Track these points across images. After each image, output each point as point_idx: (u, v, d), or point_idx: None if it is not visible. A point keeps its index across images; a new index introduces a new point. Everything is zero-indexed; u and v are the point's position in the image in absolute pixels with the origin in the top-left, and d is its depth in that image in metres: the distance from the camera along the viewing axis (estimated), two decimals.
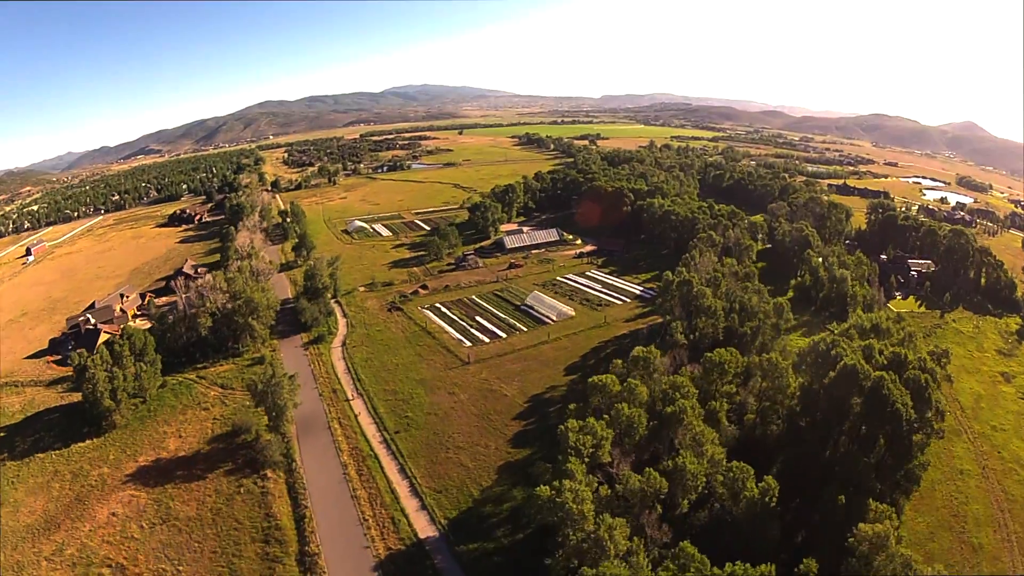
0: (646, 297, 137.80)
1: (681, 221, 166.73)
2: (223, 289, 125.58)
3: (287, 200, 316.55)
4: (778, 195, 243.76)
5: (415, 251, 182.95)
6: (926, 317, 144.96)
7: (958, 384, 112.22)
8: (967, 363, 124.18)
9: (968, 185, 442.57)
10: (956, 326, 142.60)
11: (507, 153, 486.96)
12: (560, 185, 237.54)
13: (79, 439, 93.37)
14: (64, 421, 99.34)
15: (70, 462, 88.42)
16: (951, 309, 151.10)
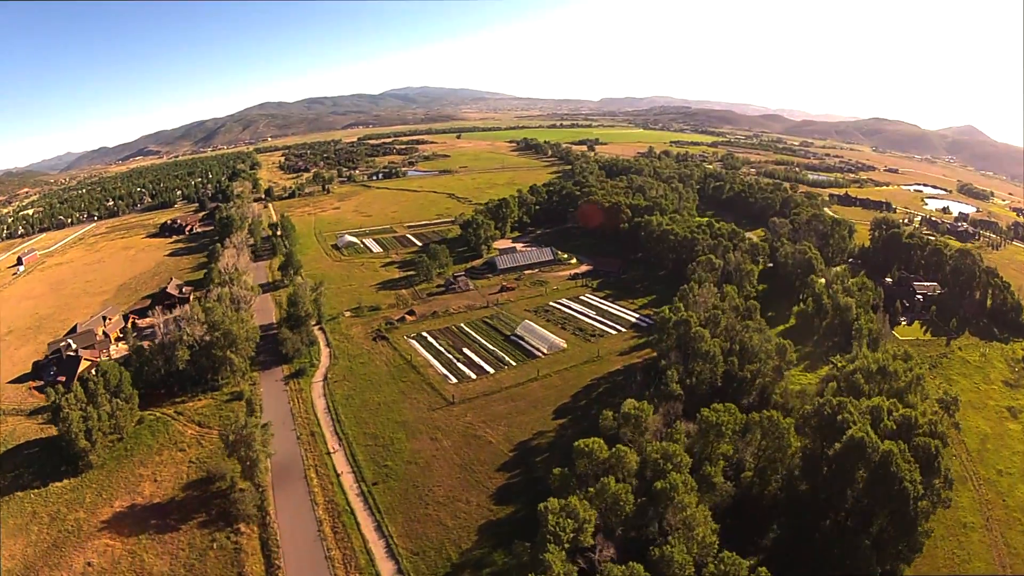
0: (642, 326, 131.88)
1: (680, 241, 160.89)
2: (200, 320, 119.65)
3: (280, 209, 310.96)
4: (779, 208, 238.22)
5: (405, 270, 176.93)
6: (932, 345, 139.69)
7: (964, 423, 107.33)
8: (974, 398, 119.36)
9: (969, 193, 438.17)
10: (962, 355, 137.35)
11: (504, 160, 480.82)
12: (556, 198, 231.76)
13: (57, 477, 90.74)
14: (43, 456, 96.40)
15: (48, 503, 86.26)
16: (957, 335, 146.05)
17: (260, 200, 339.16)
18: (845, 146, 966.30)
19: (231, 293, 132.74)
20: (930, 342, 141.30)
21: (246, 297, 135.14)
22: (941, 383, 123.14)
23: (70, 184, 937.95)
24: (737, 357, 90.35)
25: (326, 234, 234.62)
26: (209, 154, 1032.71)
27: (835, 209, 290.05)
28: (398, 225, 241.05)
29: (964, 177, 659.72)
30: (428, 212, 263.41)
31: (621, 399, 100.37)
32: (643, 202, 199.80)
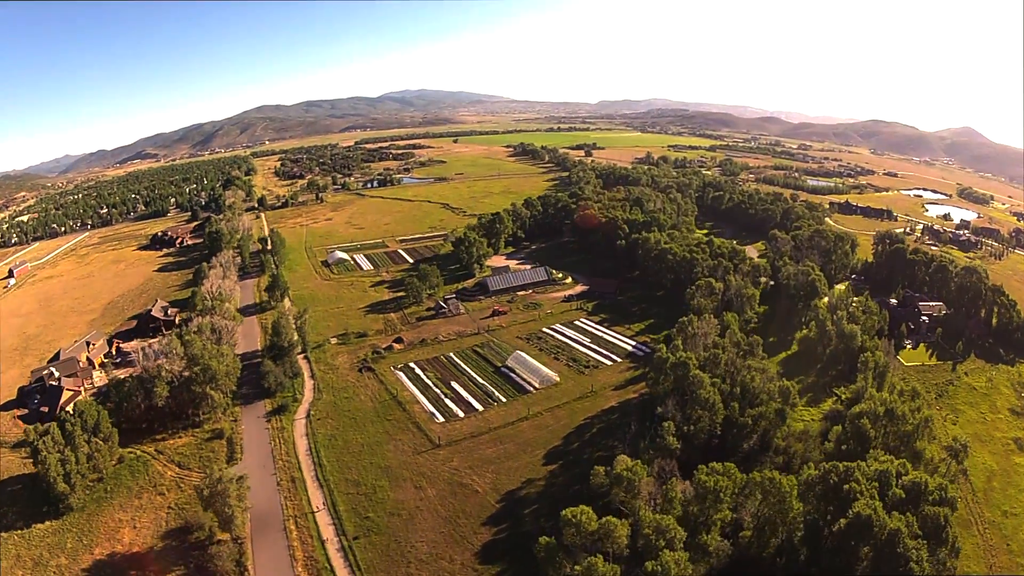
0: (638, 355, 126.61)
1: (678, 261, 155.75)
2: (179, 354, 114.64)
3: (272, 219, 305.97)
4: (780, 219, 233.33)
5: (394, 291, 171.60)
6: (938, 371, 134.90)
7: (971, 459, 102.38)
8: (980, 430, 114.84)
9: (969, 197, 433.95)
10: (969, 380, 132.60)
11: (500, 166, 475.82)
12: (551, 210, 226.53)
13: (39, 518, 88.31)
14: (26, 494, 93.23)
15: (31, 546, 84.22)
16: (963, 359, 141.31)
17: (253, 209, 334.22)
18: (843, 148, 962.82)
19: (212, 324, 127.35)
20: (936, 367, 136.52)
21: (228, 327, 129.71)
22: (948, 414, 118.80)
23: (67, 188, 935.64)
24: (738, 402, 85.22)
25: (316, 249, 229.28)
26: (207, 157, 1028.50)
27: (836, 218, 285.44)
28: (390, 239, 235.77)
29: (963, 179, 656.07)
30: (421, 224, 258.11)
31: (614, 443, 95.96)
32: (641, 216, 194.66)
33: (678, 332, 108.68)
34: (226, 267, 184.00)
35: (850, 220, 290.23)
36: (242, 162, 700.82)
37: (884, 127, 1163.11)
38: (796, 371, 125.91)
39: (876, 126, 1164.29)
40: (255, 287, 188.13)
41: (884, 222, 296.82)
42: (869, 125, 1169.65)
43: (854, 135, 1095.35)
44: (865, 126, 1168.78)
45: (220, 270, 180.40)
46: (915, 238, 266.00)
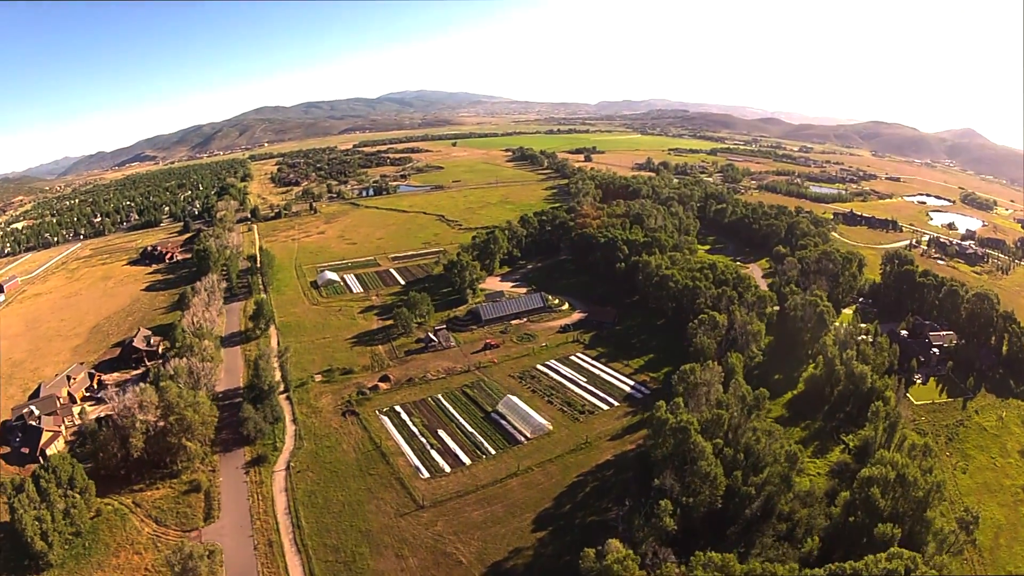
0: (637, 397, 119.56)
1: (680, 290, 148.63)
2: (154, 403, 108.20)
3: (265, 231, 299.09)
4: (784, 235, 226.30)
5: (383, 318, 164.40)
6: (948, 409, 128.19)
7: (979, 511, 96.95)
8: (990, 478, 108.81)
9: (973, 203, 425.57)
10: (979, 419, 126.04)
11: (498, 172, 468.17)
12: (549, 227, 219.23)
13: (21, 572, 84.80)
14: (8, 545, 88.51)
15: None
16: (973, 395, 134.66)
17: (245, 220, 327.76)
18: (844, 150, 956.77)
19: (189, 366, 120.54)
20: (946, 406, 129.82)
21: (206, 370, 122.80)
22: (958, 461, 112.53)
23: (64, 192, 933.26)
24: (741, 470, 78.27)
25: (306, 267, 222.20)
26: (205, 160, 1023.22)
27: (841, 229, 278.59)
28: (382, 256, 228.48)
29: (965, 182, 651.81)
30: (415, 240, 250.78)
31: (609, 506, 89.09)
32: (641, 237, 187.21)
33: (679, 381, 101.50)
34: (211, 292, 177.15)
35: (855, 232, 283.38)
36: (239, 166, 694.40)
37: (885, 128, 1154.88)
38: (802, 413, 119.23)
39: (877, 127, 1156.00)
40: (241, 312, 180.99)
41: (890, 233, 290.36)
42: (870, 126, 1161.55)
43: (855, 136, 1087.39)
44: (866, 127, 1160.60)
45: (205, 295, 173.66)
46: (921, 251, 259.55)
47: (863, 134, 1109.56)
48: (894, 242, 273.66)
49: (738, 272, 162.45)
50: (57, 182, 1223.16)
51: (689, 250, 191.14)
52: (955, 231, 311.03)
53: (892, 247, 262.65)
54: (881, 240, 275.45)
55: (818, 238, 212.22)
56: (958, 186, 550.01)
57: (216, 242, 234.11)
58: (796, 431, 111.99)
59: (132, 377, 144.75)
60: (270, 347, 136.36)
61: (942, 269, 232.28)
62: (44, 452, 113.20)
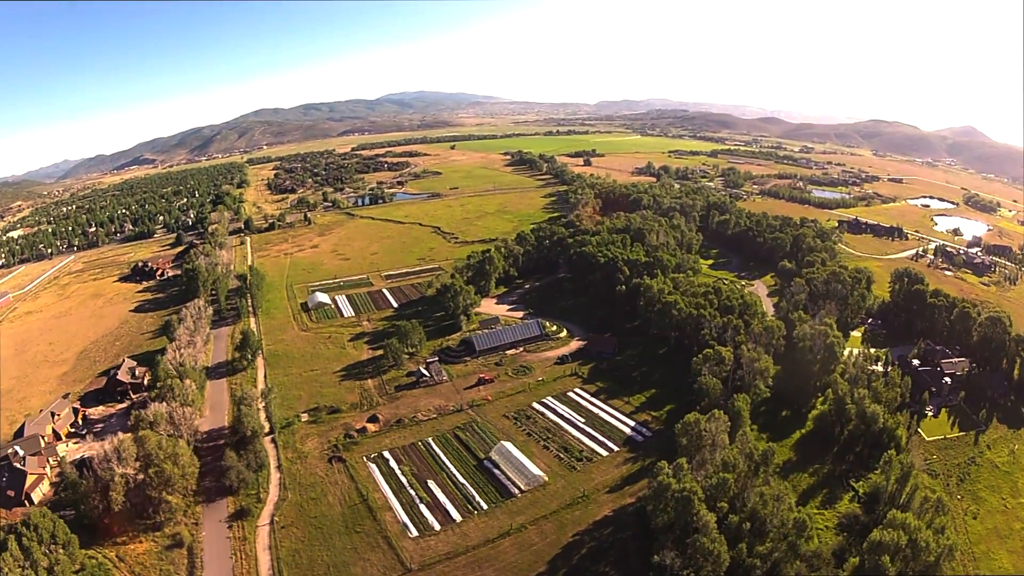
0: (638, 440, 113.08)
1: (684, 318, 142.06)
2: (133, 455, 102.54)
3: (258, 243, 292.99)
4: (790, 248, 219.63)
5: (374, 347, 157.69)
6: (960, 445, 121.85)
7: (987, 561, 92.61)
8: (1000, 522, 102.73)
9: (976, 205, 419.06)
10: (991, 456, 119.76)
11: (497, 178, 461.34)
12: (547, 242, 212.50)
13: None
14: None
15: None
16: (985, 427, 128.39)
17: (239, 232, 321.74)
18: (845, 150, 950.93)
19: (169, 412, 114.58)
20: (958, 441, 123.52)
21: (187, 416, 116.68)
22: (969, 505, 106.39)
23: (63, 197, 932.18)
24: (746, 541, 72.07)
25: (297, 287, 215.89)
26: (203, 164, 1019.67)
27: (847, 239, 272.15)
28: (375, 274, 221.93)
29: (967, 182, 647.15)
30: (409, 255, 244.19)
31: (607, 570, 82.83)
32: (642, 256, 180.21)
33: (682, 433, 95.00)
34: (197, 319, 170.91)
35: (861, 241, 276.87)
36: (236, 172, 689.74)
37: (886, 127, 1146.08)
38: (811, 455, 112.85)
39: (877, 126, 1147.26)
40: (229, 338, 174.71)
41: (895, 242, 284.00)
42: (870, 125, 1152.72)
43: (855, 135, 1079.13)
44: (866, 126, 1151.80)
45: (191, 323, 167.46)
46: (928, 261, 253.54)
47: (864, 133, 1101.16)
48: (900, 251, 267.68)
49: (744, 297, 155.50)
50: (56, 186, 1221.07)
51: (692, 270, 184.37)
52: (961, 237, 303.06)
53: (899, 257, 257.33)
54: (887, 249, 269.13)
55: (825, 253, 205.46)
56: (960, 187, 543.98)
57: (206, 260, 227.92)
58: (804, 477, 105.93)
59: (117, 411, 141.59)
60: (255, 388, 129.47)
61: (950, 281, 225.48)
62: (29, 495, 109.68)
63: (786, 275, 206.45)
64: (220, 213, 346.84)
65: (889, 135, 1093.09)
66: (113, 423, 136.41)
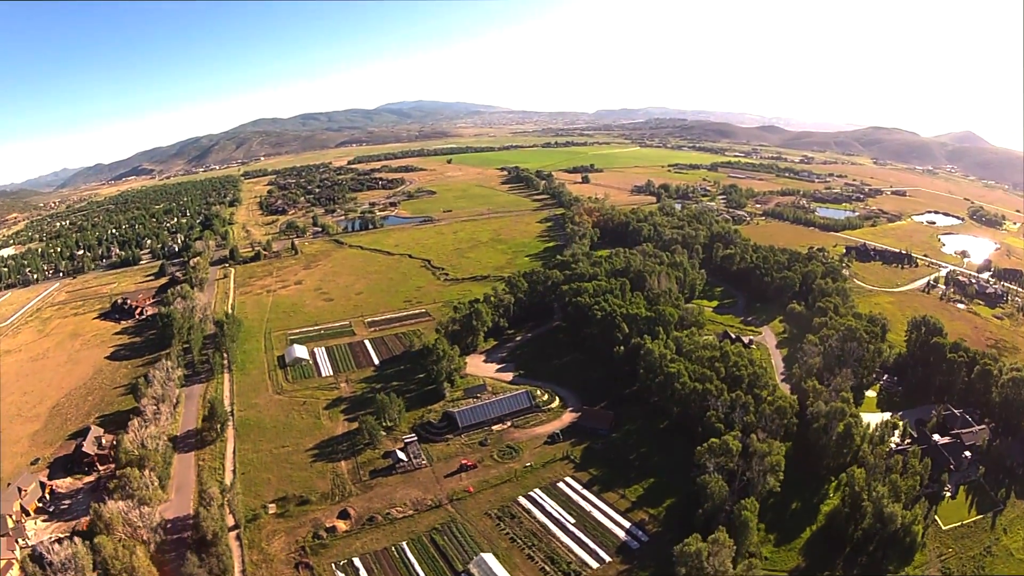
0: (632, 548, 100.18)
1: (687, 394, 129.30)
2: (90, 564, 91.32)
3: (241, 276, 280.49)
4: (799, 288, 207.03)
5: (350, 418, 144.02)
6: (977, 531, 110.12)
7: None
8: None
9: (981, 219, 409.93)
10: (1007, 541, 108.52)
11: (492, 198, 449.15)
12: (540, 287, 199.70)
13: None
14: None
15: None
16: (1003, 506, 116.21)
17: (224, 262, 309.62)
18: (845, 159, 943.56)
19: (124, 515, 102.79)
20: (975, 526, 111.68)
21: (145, 516, 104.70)
22: None
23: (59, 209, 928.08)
24: None
25: (276, 333, 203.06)
26: (200, 176, 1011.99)
27: (855, 269, 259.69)
28: (359, 320, 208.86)
29: (968, 190, 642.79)
30: (396, 296, 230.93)
31: None
32: (643, 310, 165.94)
33: (680, 562, 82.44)
34: (167, 383, 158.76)
35: (870, 270, 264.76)
36: (230, 187, 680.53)
37: (885, 134, 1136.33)
38: (821, 559, 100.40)
39: (877, 133, 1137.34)
40: (201, 400, 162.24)
41: (905, 270, 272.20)
42: (870, 132, 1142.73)
43: (855, 144, 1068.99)
44: (866, 133, 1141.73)
45: (159, 387, 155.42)
46: (940, 292, 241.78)
47: (863, 141, 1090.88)
48: (911, 281, 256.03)
49: (753, 364, 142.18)
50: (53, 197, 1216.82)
51: (697, 324, 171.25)
52: (970, 260, 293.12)
53: (910, 289, 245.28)
54: (897, 279, 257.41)
55: (837, 297, 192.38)
56: (963, 197, 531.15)
57: (183, 304, 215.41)
58: None
59: (85, 485, 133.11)
60: (215, 487, 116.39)
61: (963, 317, 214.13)
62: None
63: (796, 320, 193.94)
64: (205, 241, 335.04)
65: (889, 142, 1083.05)
66: (80, 499, 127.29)
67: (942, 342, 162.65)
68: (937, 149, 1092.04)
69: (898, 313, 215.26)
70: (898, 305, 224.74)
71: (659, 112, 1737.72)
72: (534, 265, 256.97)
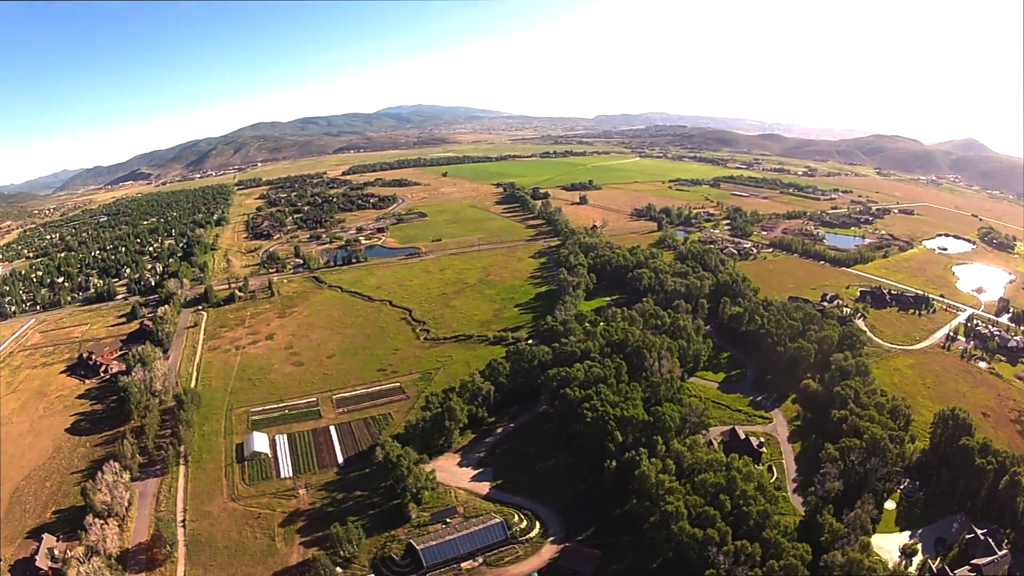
0: None
1: (685, 541, 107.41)
2: None
3: (212, 325, 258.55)
4: (815, 360, 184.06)
5: (306, 539, 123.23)
6: None
7: None
8: None
9: (992, 242, 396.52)
10: None
11: (485, 223, 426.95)
12: (525, 367, 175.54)
13: None
14: None
15: None
16: None
17: (197, 304, 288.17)
18: (848, 168, 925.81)
19: None
20: None
21: None
22: None
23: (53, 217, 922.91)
24: None
25: (239, 410, 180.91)
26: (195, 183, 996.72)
27: (871, 320, 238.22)
28: (326, 396, 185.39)
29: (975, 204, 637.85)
30: (370, 363, 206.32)
31: None
32: (640, 411, 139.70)
33: None
34: (115, 487, 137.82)
35: (886, 320, 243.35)
36: (221, 200, 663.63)
37: (887, 142, 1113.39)
38: None
39: (879, 141, 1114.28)
40: (153, 504, 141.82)
41: (923, 318, 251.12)
42: (872, 141, 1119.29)
43: (858, 152, 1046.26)
44: (868, 142, 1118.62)
45: (107, 492, 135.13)
46: (960, 349, 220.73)
47: (866, 149, 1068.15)
48: (930, 333, 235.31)
49: (763, 496, 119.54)
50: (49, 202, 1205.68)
51: (700, 423, 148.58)
52: (987, 297, 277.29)
53: (929, 344, 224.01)
54: (915, 332, 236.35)
55: (858, 379, 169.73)
56: (972, 213, 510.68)
57: (142, 375, 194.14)
58: None
59: None
60: None
61: (985, 380, 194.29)
62: None
63: (811, 401, 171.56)
64: (180, 279, 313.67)
65: (892, 151, 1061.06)
66: None
67: (970, 444, 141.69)
68: (940, 158, 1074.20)
69: (919, 383, 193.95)
70: (918, 371, 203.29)
71: (659, 118, 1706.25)
72: (523, 319, 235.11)
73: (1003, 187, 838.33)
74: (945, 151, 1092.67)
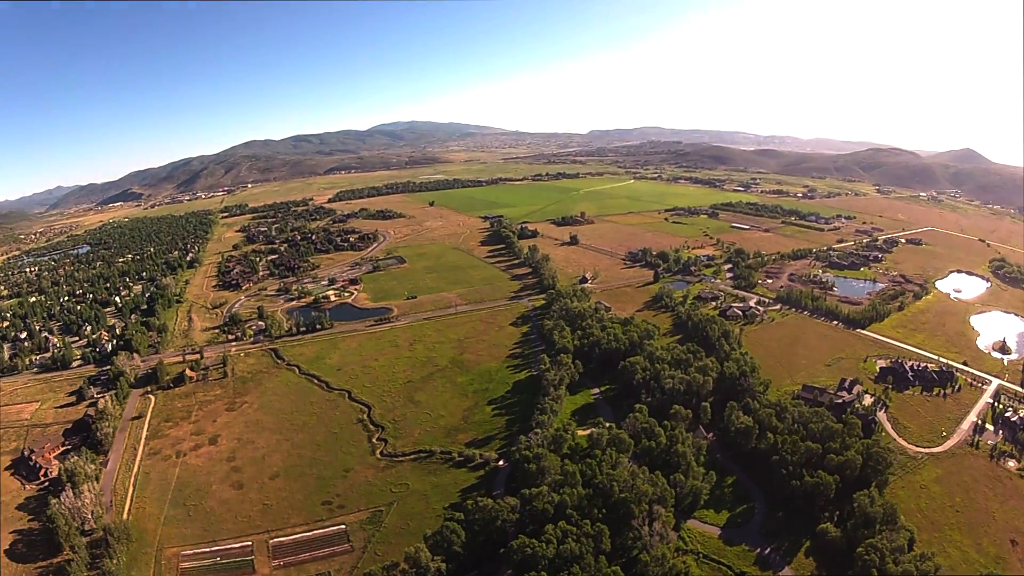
0: None
1: None
2: None
3: (158, 417, 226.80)
4: (835, 493, 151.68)
5: None
6: None
7: None
8: None
9: (1007, 278, 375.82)
10: None
11: (465, 274, 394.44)
12: (484, 529, 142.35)
13: None
14: None
15: None
16: None
17: (146, 385, 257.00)
18: (847, 186, 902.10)
19: None
20: None
21: None
22: None
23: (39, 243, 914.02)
24: None
25: (170, 551, 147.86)
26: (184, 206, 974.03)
27: (892, 409, 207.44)
28: (261, 541, 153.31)
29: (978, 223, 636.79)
30: (316, 492, 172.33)
31: None
32: None
33: None
34: None
35: (909, 407, 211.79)
36: (201, 234, 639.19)
37: (885, 156, 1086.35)
38: None
39: (877, 156, 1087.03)
40: None
41: (948, 400, 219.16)
42: (870, 155, 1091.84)
43: (856, 168, 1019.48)
44: (866, 156, 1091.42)
45: None
46: (990, 447, 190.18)
47: (863, 165, 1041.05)
48: (956, 423, 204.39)
49: None
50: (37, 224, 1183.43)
51: None
52: (1009, 356, 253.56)
53: (955, 445, 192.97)
54: (941, 422, 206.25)
55: (883, 537, 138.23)
56: (979, 238, 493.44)
57: (70, 503, 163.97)
58: None
59: None
60: None
61: (1018, 491, 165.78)
62: None
63: (828, 551, 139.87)
64: (129, 355, 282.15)
65: (890, 166, 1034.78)
66: None
67: None
68: (939, 171, 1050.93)
69: (946, 505, 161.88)
70: (946, 486, 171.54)
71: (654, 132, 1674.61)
72: (496, 425, 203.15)
73: (1003, 200, 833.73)
74: (943, 164, 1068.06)
